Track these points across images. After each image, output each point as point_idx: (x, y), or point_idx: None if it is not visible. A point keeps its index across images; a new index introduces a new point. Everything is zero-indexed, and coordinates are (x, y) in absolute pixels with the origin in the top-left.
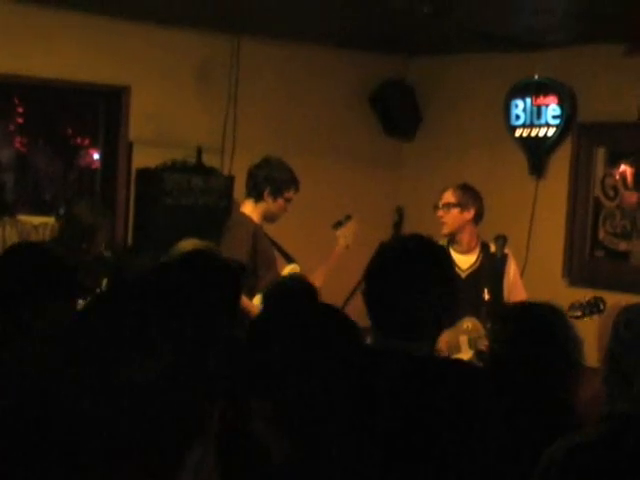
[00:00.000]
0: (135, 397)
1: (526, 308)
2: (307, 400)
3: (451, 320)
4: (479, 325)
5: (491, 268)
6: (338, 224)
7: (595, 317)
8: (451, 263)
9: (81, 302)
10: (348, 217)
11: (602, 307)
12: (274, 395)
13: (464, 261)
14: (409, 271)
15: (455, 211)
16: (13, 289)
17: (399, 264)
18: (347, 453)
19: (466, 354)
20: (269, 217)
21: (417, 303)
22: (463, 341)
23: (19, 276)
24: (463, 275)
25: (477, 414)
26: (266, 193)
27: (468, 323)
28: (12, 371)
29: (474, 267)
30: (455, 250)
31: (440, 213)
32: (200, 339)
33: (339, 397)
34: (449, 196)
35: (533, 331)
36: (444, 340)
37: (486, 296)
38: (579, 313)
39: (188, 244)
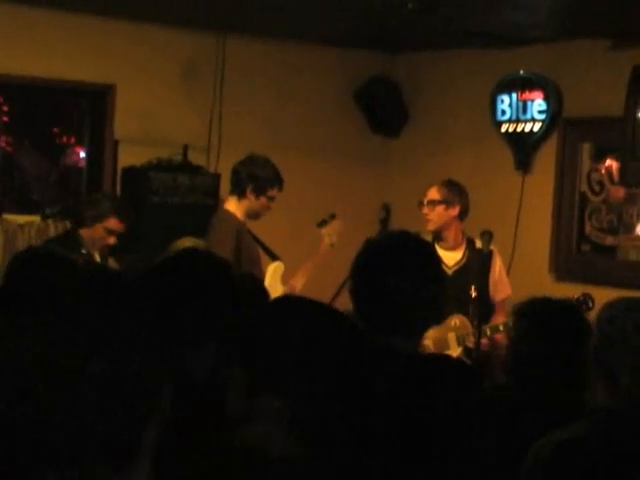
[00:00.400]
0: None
1: (546, 304)
2: (315, 400)
3: (439, 317)
4: (467, 322)
5: (477, 264)
6: (323, 222)
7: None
8: (438, 259)
9: None
10: (333, 216)
11: (591, 304)
12: (283, 394)
13: (450, 258)
14: (396, 267)
15: (440, 208)
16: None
17: (386, 260)
18: (348, 453)
19: (454, 351)
20: (252, 214)
21: (404, 300)
22: (451, 338)
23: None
24: (449, 272)
25: (476, 413)
26: (249, 190)
27: (456, 320)
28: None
29: (460, 264)
30: (441, 247)
31: (425, 210)
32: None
33: (343, 396)
34: (434, 193)
35: (555, 327)
36: (432, 337)
37: (473, 293)
38: None
39: (185, 243)
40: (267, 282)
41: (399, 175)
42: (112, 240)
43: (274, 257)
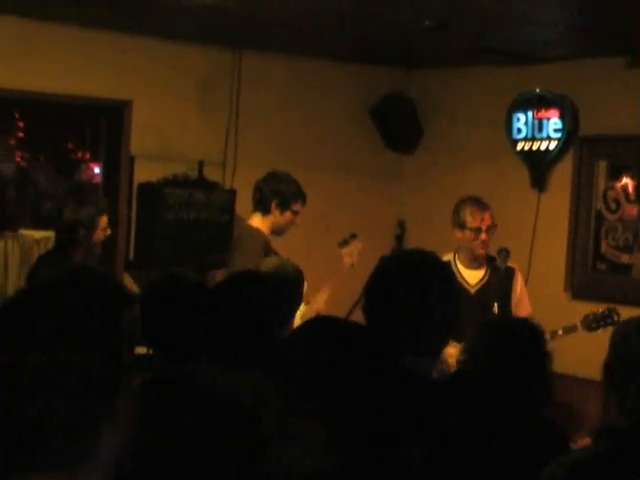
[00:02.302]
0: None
1: (504, 322)
2: (348, 421)
3: (455, 335)
4: None
5: (499, 282)
6: (344, 243)
7: (609, 329)
8: (454, 277)
9: None
10: (353, 236)
11: (616, 318)
12: (316, 416)
13: (473, 276)
14: (410, 286)
15: (493, 232)
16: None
17: (400, 279)
18: (377, 470)
19: None
20: (277, 230)
21: (419, 318)
22: None
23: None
24: (472, 291)
25: (494, 432)
26: (273, 206)
27: None
28: None
29: (483, 281)
30: (464, 265)
31: (485, 236)
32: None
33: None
34: (489, 218)
35: (512, 345)
36: (455, 355)
37: (495, 311)
38: (594, 325)
39: (272, 262)
40: None
41: (414, 192)
42: (108, 232)
43: None
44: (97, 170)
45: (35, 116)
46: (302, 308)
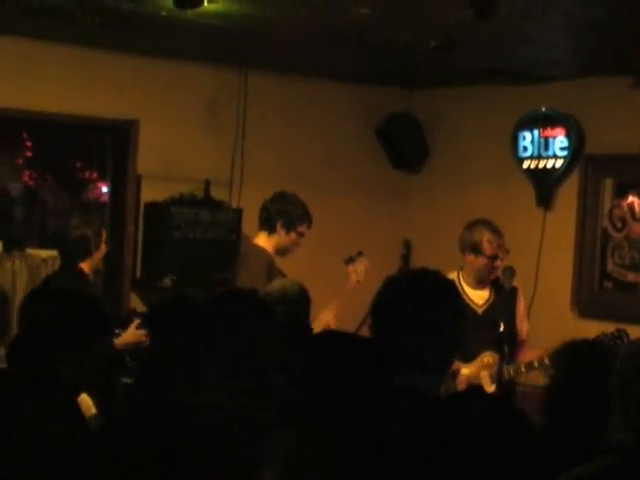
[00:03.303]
0: None
1: (581, 346)
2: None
3: (470, 355)
4: (498, 359)
5: (504, 302)
6: (350, 260)
7: None
8: (459, 295)
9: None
10: (360, 253)
11: (626, 339)
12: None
13: (479, 297)
14: (418, 304)
15: (505, 257)
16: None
17: (407, 298)
18: None
19: (488, 388)
20: (281, 250)
21: (426, 336)
22: (484, 376)
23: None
24: (480, 311)
25: (505, 457)
26: (279, 226)
27: (488, 358)
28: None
29: (489, 302)
30: (469, 285)
31: (499, 263)
32: None
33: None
34: (503, 242)
35: (593, 370)
36: (465, 375)
37: (502, 330)
38: None
39: (279, 283)
40: None
41: (420, 211)
42: (106, 248)
43: None
44: (104, 189)
45: (43, 136)
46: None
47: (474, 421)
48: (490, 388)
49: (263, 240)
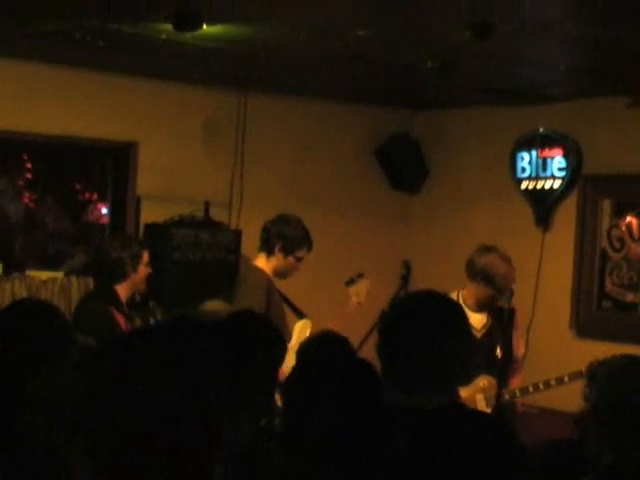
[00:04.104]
0: None
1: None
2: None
3: (467, 376)
4: (494, 383)
5: (500, 323)
6: (350, 281)
7: None
8: (465, 317)
9: None
10: (360, 275)
11: None
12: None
13: (478, 320)
14: (424, 326)
15: None
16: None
17: (414, 319)
18: None
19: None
20: (279, 273)
21: (432, 358)
22: (480, 399)
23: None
24: (478, 335)
25: (506, 469)
26: (277, 249)
27: (484, 381)
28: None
29: (487, 326)
30: (469, 308)
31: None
32: None
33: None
34: (514, 274)
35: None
36: (461, 397)
37: (499, 353)
38: None
39: (211, 305)
40: (294, 340)
41: (420, 231)
42: (149, 269)
43: (301, 315)
44: (104, 210)
45: (43, 157)
46: None
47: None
48: (486, 411)
49: (262, 262)
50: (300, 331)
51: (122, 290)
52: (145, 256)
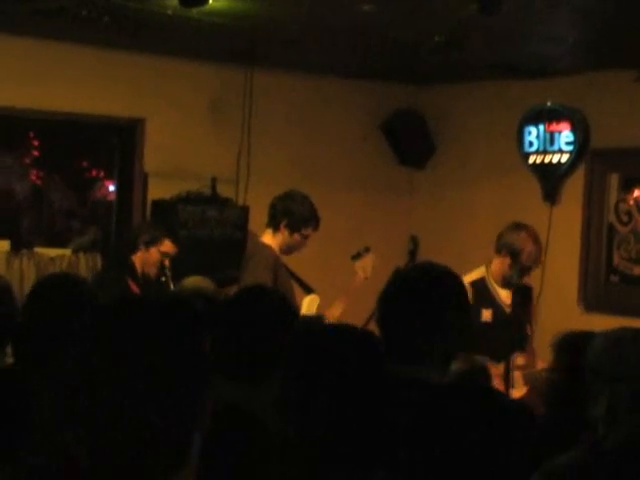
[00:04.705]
0: None
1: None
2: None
3: (501, 355)
4: (531, 360)
5: (522, 300)
6: (357, 256)
7: None
8: (465, 291)
9: None
10: (367, 249)
11: None
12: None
13: (506, 295)
14: (423, 297)
15: None
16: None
17: (413, 290)
18: None
19: (520, 390)
20: (285, 250)
21: (431, 331)
22: (518, 377)
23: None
24: (508, 311)
25: (511, 450)
26: (282, 226)
27: (520, 358)
28: None
29: (513, 301)
30: (498, 284)
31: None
32: None
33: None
34: (541, 254)
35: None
36: (497, 375)
37: (529, 330)
38: None
39: (192, 282)
40: (302, 315)
41: (426, 207)
42: (166, 262)
43: (309, 290)
44: (111, 188)
45: (49, 135)
46: None
47: (472, 413)
48: (522, 390)
49: (269, 238)
50: (308, 306)
51: (138, 262)
52: (166, 245)
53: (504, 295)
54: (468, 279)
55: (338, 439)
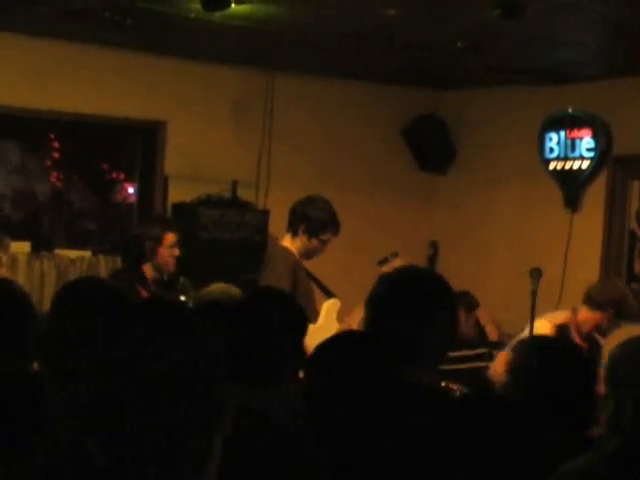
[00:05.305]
0: None
1: (548, 341)
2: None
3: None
4: None
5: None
6: (384, 260)
7: None
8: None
9: None
10: (395, 254)
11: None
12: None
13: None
14: (411, 298)
15: None
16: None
17: (401, 291)
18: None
19: None
20: (304, 254)
21: (420, 329)
22: None
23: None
24: None
25: (506, 450)
26: (301, 230)
27: None
28: None
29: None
30: (580, 336)
31: None
32: None
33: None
34: None
35: (556, 366)
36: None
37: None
38: None
39: (217, 289)
40: (322, 319)
41: (446, 212)
42: (177, 251)
43: (330, 294)
44: (131, 190)
45: (70, 137)
46: (336, 326)
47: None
48: None
49: (288, 242)
50: (328, 310)
51: (148, 270)
52: (168, 238)
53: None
54: (552, 320)
55: (352, 445)
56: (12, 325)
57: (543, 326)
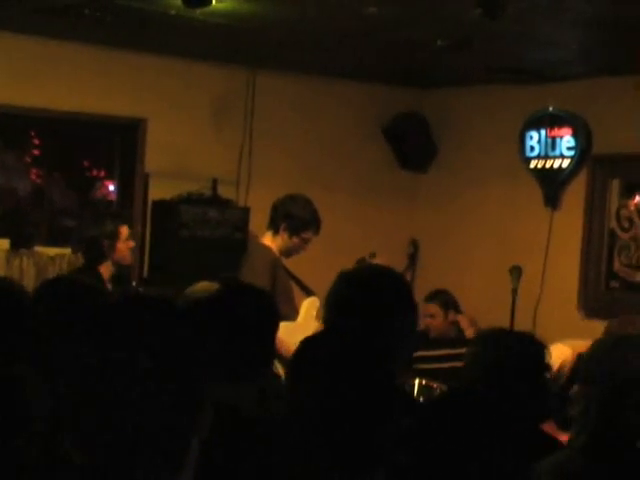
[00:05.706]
0: None
1: (505, 335)
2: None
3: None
4: None
5: None
6: (362, 261)
7: None
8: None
9: None
10: (373, 254)
11: None
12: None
13: None
14: (368, 299)
15: None
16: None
17: (359, 293)
18: None
19: None
20: (284, 252)
21: (377, 332)
22: None
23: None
24: None
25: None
26: (282, 228)
27: None
28: None
29: None
30: None
31: None
32: None
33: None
34: None
35: (512, 360)
36: None
37: None
38: None
39: (201, 287)
40: (301, 317)
41: (427, 210)
42: (132, 243)
43: (309, 292)
44: (112, 188)
45: (50, 134)
46: (315, 324)
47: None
48: None
49: (269, 239)
50: (307, 308)
51: (105, 269)
52: (123, 232)
53: None
54: (573, 347)
55: (341, 441)
56: (12, 325)
57: (563, 352)
